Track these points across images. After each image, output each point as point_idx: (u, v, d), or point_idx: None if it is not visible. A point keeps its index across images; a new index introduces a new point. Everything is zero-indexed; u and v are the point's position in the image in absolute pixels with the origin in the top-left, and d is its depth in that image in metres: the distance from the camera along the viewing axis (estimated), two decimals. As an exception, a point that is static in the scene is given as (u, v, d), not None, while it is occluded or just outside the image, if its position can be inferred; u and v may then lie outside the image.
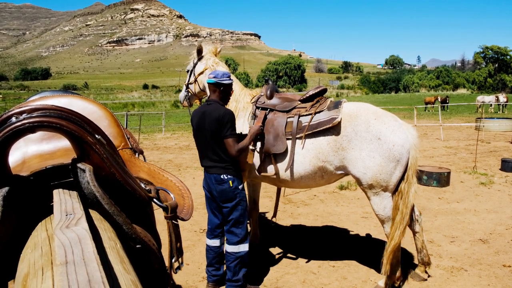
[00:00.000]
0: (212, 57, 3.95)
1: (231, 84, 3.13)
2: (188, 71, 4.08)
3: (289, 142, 3.33)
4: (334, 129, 3.17)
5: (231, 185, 3.04)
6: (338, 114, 3.16)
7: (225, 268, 3.31)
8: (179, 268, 1.55)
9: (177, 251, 1.51)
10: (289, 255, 4.15)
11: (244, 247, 3.16)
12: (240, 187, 3.12)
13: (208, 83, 3.09)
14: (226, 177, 3.03)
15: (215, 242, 3.32)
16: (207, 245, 3.36)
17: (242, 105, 3.72)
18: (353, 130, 3.11)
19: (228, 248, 3.16)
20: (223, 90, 3.08)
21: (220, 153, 3.03)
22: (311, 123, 3.26)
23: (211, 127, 2.95)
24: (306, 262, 3.96)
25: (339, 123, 3.15)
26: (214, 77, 3.03)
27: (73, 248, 0.68)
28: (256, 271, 3.73)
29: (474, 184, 6.96)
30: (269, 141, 3.38)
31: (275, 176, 3.43)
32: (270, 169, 3.44)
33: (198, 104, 4.15)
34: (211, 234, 3.33)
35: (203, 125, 3.01)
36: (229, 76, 3.08)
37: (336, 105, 3.27)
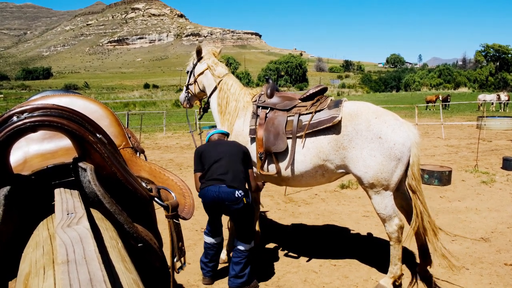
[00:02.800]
0: (212, 58, 3.95)
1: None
2: (188, 72, 4.08)
3: (289, 141, 3.33)
4: (334, 128, 3.17)
5: (245, 202, 3.19)
6: (338, 113, 3.16)
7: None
8: (181, 268, 1.54)
9: (178, 250, 1.50)
10: (290, 254, 4.16)
11: (253, 242, 3.40)
12: (250, 200, 3.31)
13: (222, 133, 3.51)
14: (240, 195, 3.15)
15: (217, 240, 3.49)
16: (208, 243, 3.48)
17: (242, 104, 3.71)
18: (354, 129, 3.10)
19: (241, 246, 3.31)
20: None
21: (243, 175, 3.26)
22: (311, 122, 3.26)
23: (242, 155, 3.29)
24: (307, 261, 3.96)
25: (340, 122, 3.14)
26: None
27: (75, 247, 0.68)
28: (257, 270, 3.73)
29: (476, 183, 6.95)
30: (270, 140, 3.38)
31: (276, 175, 3.44)
32: (271, 168, 3.46)
33: (198, 105, 4.15)
34: (213, 236, 3.48)
35: (231, 151, 3.28)
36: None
37: (337, 104, 3.27)
